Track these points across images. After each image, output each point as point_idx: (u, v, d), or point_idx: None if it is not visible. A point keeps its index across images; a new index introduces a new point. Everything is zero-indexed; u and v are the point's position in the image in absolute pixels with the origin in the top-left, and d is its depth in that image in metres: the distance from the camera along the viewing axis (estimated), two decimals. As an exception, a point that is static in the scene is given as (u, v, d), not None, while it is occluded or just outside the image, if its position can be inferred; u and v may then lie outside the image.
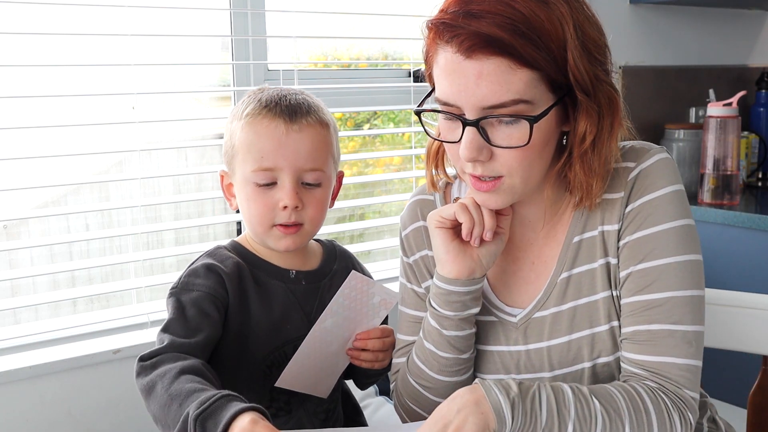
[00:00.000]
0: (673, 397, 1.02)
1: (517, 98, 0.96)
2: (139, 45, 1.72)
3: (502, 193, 1.04)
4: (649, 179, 1.06)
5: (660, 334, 1.03)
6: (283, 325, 1.19)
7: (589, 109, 1.01)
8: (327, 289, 1.24)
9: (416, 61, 2.23)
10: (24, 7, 1.62)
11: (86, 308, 1.79)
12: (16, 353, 1.63)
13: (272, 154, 1.15)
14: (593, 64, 1.01)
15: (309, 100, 1.21)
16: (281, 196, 1.16)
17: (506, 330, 1.14)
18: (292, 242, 1.19)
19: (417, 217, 1.22)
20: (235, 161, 1.19)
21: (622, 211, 1.07)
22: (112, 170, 1.87)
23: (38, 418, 1.60)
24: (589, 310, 1.09)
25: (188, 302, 1.13)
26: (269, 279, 1.21)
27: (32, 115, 1.67)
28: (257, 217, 1.17)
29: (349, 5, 2.18)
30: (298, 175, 1.16)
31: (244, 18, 1.90)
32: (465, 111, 0.99)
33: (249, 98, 1.21)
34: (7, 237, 1.72)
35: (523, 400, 0.95)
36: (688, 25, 2.72)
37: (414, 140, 2.26)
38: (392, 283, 2.09)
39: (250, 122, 1.17)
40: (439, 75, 1.02)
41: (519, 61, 0.95)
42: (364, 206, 2.24)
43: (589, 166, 1.04)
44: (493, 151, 1.00)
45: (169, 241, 1.90)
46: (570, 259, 1.11)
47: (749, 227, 2.14)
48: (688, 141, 2.53)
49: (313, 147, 1.17)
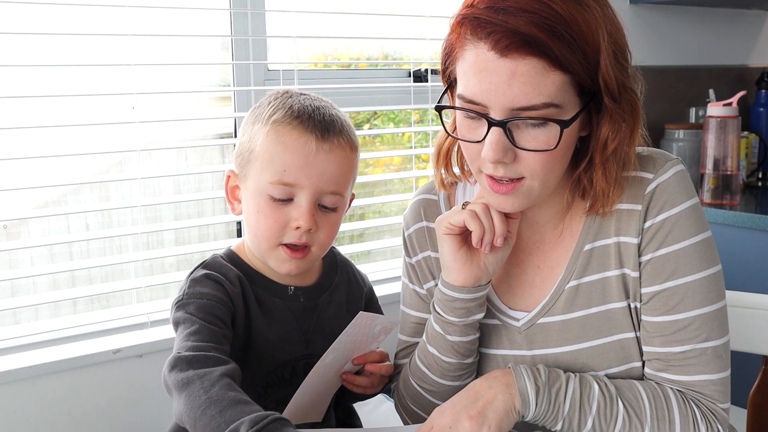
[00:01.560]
0: (705, 410, 1.04)
1: (548, 101, 0.94)
2: (139, 45, 1.72)
3: (519, 196, 1.02)
4: (667, 194, 1.05)
5: (692, 354, 1.04)
6: (282, 345, 1.14)
7: (615, 115, 0.99)
8: (326, 305, 1.20)
9: (416, 61, 2.23)
10: (24, 7, 1.62)
11: (86, 308, 1.79)
12: (16, 353, 1.63)
13: (296, 170, 1.08)
14: (620, 71, 0.99)
15: (342, 118, 1.14)
16: (296, 215, 1.09)
17: (510, 334, 1.13)
18: (295, 267, 1.12)
19: (420, 217, 1.21)
20: (251, 167, 1.11)
21: (641, 225, 1.05)
22: (112, 170, 1.87)
23: (38, 418, 1.60)
24: (601, 319, 1.08)
25: (203, 312, 1.05)
26: (269, 296, 1.15)
27: (32, 115, 1.66)
28: (266, 232, 1.10)
29: (349, 5, 2.17)
30: (318, 196, 1.10)
31: (244, 18, 1.90)
32: (492, 111, 0.96)
33: (276, 102, 1.13)
34: (7, 237, 1.72)
35: (549, 388, 1.00)
36: (688, 25, 2.72)
37: (414, 140, 2.26)
38: (392, 283, 2.10)
39: (278, 130, 1.09)
40: (467, 72, 0.97)
41: (554, 63, 0.93)
42: (364, 206, 2.24)
43: (610, 172, 1.03)
44: (517, 154, 0.98)
45: (169, 241, 1.90)
46: (580, 267, 1.09)
47: (749, 227, 2.14)
48: (688, 141, 2.53)
49: (339, 170, 1.11)
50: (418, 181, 2.26)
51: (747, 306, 1.40)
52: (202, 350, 0.99)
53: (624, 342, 1.08)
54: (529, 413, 1.00)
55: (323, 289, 1.21)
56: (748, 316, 1.39)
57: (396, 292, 2.04)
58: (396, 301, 2.00)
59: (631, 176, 1.06)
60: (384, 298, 2.00)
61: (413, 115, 2.24)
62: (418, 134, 2.26)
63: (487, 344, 1.15)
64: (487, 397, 1.00)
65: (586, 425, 1.00)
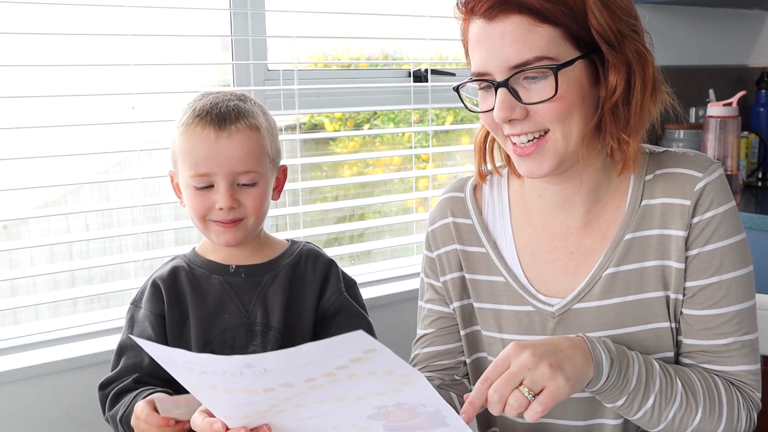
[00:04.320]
0: (746, 396, 1.10)
1: (540, 55, 1.00)
2: (139, 45, 1.72)
3: (546, 154, 1.05)
4: (715, 193, 1.10)
5: (734, 346, 1.10)
6: (220, 314, 1.30)
7: (617, 62, 1.03)
8: (270, 282, 1.33)
9: (416, 61, 2.23)
10: (24, 7, 1.62)
11: (86, 308, 1.79)
12: (16, 353, 1.63)
13: (205, 161, 1.24)
14: (616, 20, 1.03)
15: (241, 106, 1.29)
16: (217, 198, 1.25)
17: (543, 319, 1.15)
18: (231, 237, 1.28)
19: (446, 214, 1.24)
20: (177, 166, 1.29)
21: (689, 220, 1.09)
22: (112, 170, 1.87)
23: (38, 417, 1.60)
24: (637, 307, 1.11)
25: (137, 322, 1.32)
26: (207, 274, 1.33)
27: (32, 115, 1.66)
28: (197, 215, 1.28)
29: (349, 5, 2.18)
30: (233, 178, 1.25)
31: (244, 18, 1.90)
32: (495, 75, 1.03)
33: (188, 106, 1.29)
34: (7, 237, 1.72)
35: (620, 362, 1.02)
36: (688, 25, 2.72)
37: (414, 140, 2.26)
38: (393, 283, 2.10)
39: (185, 131, 1.26)
40: (472, 48, 1.06)
41: (538, 17, 0.99)
42: (364, 206, 2.24)
43: (620, 118, 1.06)
44: (529, 111, 1.03)
45: (169, 241, 1.90)
46: (619, 256, 1.12)
47: (749, 227, 2.14)
48: (688, 141, 2.52)
49: (243, 151, 1.25)
50: (418, 181, 2.26)
51: (747, 306, 1.40)
52: (120, 377, 1.29)
53: (659, 331, 1.11)
54: (599, 384, 1.00)
55: (270, 269, 1.34)
56: (749, 316, 1.40)
57: (396, 292, 2.06)
58: (396, 301, 2.02)
59: (677, 173, 1.11)
60: (384, 298, 2.02)
61: (413, 115, 2.24)
62: (418, 134, 2.26)
63: (519, 331, 1.17)
64: (567, 353, 0.99)
65: (647, 402, 1.04)
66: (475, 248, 1.21)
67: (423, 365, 1.26)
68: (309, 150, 2.13)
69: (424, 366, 1.25)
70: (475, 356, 1.24)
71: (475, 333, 1.23)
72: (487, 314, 1.19)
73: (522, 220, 1.20)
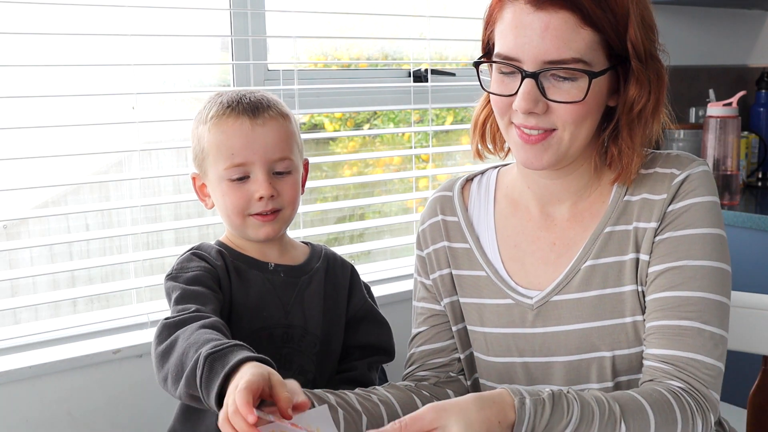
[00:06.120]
0: (698, 397, 1.03)
1: (577, 57, 1.01)
2: (139, 45, 1.72)
3: (549, 149, 1.07)
4: (693, 185, 1.10)
5: (689, 331, 1.04)
6: (260, 311, 1.25)
7: (641, 78, 1.05)
8: (306, 285, 1.29)
9: (416, 61, 2.23)
10: (24, 7, 1.62)
11: (86, 308, 1.79)
12: (16, 353, 1.63)
13: (242, 150, 1.22)
14: (648, 40, 1.06)
15: (267, 96, 1.28)
16: (256, 188, 1.22)
17: (522, 312, 1.16)
18: (271, 229, 1.25)
19: (436, 212, 1.26)
20: (207, 163, 1.25)
21: (663, 210, 1.09)
22: (112, 170, 1.87)
23: (38, 418, 1.60)
24: (614, 301, 1.11)
25: (189, 280, 1.20)
26: (248, 268, 1.27)
27: (32, 115, 1.66)
28: (234, 208, 1.23)
29: (349, 5, 2.17)
30: (269, 166, 1.23)
31: (244, 18, 1.90)
32: (525, 64, 1.03)
33: (210, 103, 1.27)
34: (7, 237, 1.72)
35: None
36: (688, 25, 2.72)
37: (414, 140, 2.26)
38: (393, 283, 2.10)
39: (216, 123, 1.23)
40: (504, 30, 1.05)
41: (585, 19, 1.00)
42: (364, 206, 2.23)
43: (635, 135, 1.08)
44: (549, 106, 1.04)
45: (169, 241, 1.90)
46: (598, 248, 1.12)
47: (749, 227, 2.14)
48: (688, 141, 2.53)
49: (279, 138, 1.24)
50: (418, 181, 2.26)
51: (747, 306, 1.40)
52: (184, 312, 1.12)
53: (637, 325, 1.10)
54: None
55: (305, 271, 1.31)
56: (748, 316, 1.39)
57: (396, 292, 2.06)
58: (396, 300, 2.02)
59: (660, 173, 1.12)
60: (384, 298, 2.01)
61: (413, 115, 2.24)
62: (418, 134, 2.26)
63: (498, 324, 1.17)
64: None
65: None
66: (460, 244, 1.23)
67: (419, 365, 1.26)
68: (309, 150, 2.13)
69: (420, 365, 1.26)
70: (468, 352, 1.25)
71: (466, 329, 1.24)
72: (471, 309, 1.21)
73: (508, 212, 1.21)
